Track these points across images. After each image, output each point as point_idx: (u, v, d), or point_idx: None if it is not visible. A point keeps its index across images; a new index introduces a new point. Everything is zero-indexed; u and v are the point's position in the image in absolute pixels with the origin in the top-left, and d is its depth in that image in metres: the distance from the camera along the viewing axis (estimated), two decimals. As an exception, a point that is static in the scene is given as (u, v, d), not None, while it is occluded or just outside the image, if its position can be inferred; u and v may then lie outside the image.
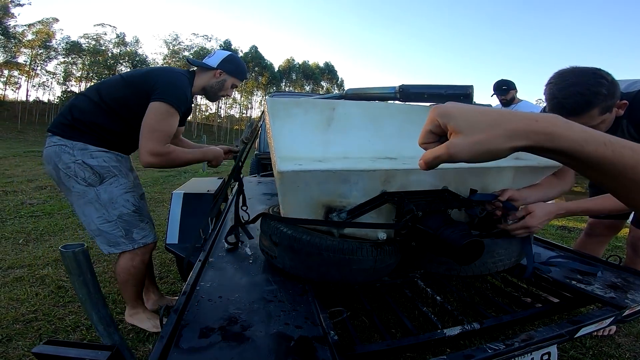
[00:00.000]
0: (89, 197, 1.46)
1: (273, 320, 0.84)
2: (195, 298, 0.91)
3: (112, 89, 1.52)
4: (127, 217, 1.52)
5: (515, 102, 3.48)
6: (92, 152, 1.45)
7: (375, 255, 0.94)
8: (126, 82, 1.52)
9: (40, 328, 1.64)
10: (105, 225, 1.49)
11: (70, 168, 1.43)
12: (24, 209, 3.94)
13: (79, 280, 0.62)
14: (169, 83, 1.47)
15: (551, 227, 4.75)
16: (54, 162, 1.44)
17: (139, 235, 1.56)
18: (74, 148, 1.43)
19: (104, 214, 1.48)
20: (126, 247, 1.53)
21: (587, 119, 1.14)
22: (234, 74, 1.72)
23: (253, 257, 1.19)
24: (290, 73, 62.32)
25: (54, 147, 1.44)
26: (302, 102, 0.98)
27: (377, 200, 0.95)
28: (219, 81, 1.69)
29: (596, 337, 1.70)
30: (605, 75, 1.11)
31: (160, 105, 1.42)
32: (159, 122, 1.42)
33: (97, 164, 1.46)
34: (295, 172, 0.77)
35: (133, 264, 1.57)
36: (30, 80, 43.34)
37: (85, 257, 0.62)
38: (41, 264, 2.38)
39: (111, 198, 1.49)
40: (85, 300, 0.65)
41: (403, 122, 1.12)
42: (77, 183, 1.44)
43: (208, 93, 1.71)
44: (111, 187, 1.49)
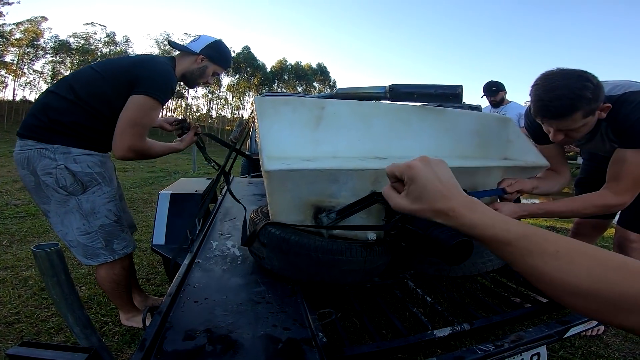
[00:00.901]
0: (70, 207, 1.36)
1: (261, 322, 0.82)
2: (181, 300, 0.89)
3: (88, 85, 1.38)
4: (108, 227, 1.44)
5: (505, 103, 3.52)
6: (75, 156, 1.35)
7: (365, 256, 0.93)
8: (103, 77, 1.39)
9: (23, 330, 1.60)
10: (84, 237, 1.39)
11: (51, 174, 1.31)
12: (8, 209, 3.85)
13: (52, 281, 0.60)
14: (154, 76, 1.38)
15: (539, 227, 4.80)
16: (32, 167, 1.31)
17: (120, 246, 1.48)
18: (56, 152, 1.31)
19: (84, 224, 1.38)
20: (106, 258, 1.44)
21: (569, 122, 1.15)
22: (217, 62, 1.62)
23: (241, 258, 1.17)
24: (283, 74, 62.21)
25: (31, 150, 1.30)
26: (290, 100, 0.96)
27: (366, 200, 0.93)
28: (199, 67, 1.59)
29: (585, 337, 1.71)
30: (591, 79, 1.12)
31: (144, 99, 1.33)
32: (142, 117, 1.33)
33: (80, 169, 1.35)
34: (283, 171, 0.76)
35: (114, 272, 1.50)
36: (17, 79, 42.59)
37: (59, 257, 0.60)
38: (24, 266, 2.33)
39: (93, 208, 1.39)
40: (59, 302, 0.62)
41: (393, 121, 1.11)
42: (57, 192, 1.33)
43: (187, 79, 1.61)
44: (94, 196, 1.40)
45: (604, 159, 1.73)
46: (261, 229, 0.93)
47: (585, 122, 1.16)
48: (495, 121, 1.32)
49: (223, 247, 1.24)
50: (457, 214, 0.48)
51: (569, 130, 1.19)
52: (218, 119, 59.38)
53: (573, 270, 0.37)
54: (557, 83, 1.12)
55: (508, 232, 0.42)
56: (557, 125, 1.18)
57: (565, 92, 1.10)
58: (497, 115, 1.43)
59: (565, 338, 1.02)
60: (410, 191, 0.51)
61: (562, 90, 1.10)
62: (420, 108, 1.19)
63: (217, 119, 59.45)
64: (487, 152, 1.29)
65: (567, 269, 0.37)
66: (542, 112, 1.16)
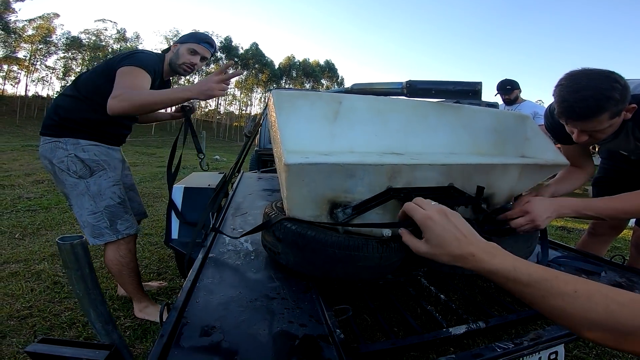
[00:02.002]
0: (80, 189, 1.54)
1: (276, 318, 0.82)
2: (196, 295, 0.88)
3: (87, 80, 1.58)
4: (113, 208, 1.59)
5: (519, 101, 3.47)
6: (83, 146, 1.54)
7: (381, 252, 0.92)
8: (98, 71, 1.57)
9: (35, 324, 1.61)
10: (91, 216, 1.56)
11: (64, 162, 1.51)
12: (21, 203, 3.91)
13: (76, 275, 0.59)
14: (133, 54, 1.52)
15: (550, 227, 4.74)
16: (49, 158, 1.54)
17: (123, 227, 1.62)
18: (67, 144, 1.52)
19: (92, 205, 1.55)
20: (110, 237, 1.59)
21: (595, 124, 1.11)
22: (187, 41, 1.71)
23: (255, 253, 1.17)
24: (291, 70, 62.23)
25: (49, 144, 1.53)
26: (308, 94, 0.95)
27: (383, 196, 0.92)
28: (175, 53, 1.70)
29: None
30: (619, 79, 1.07)
31: (124, 67, 1.43)
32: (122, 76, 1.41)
33: (87, 157, 1.54)
34: (302, 165, 0.74)
35: (120, 253, 1.63)
36: (29, 75, 43.15)
37: (83, 250, 0.60)
38: (37, 259, 2.36)
39: (99, 190, 1.56)
40: (82, 297, 0.62)
41: (410, 117, 1.09)
42: (69, 176, 1.52)
43: (171, 67, 1.71)
44: (100, 179, 1.56)
45: (623, 158, 1.69)
46: (276, 224, 0.93)
47: (611, 124, 1.12)
48: (513, 118, 1.30)
49: (236, 242, 1.24)
50: (478, 259, 0.53)
51: (593, 131, 1.15)
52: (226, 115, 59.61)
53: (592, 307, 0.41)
54: (582, 84, 1.07)
55: (529, 276, 0.47)
56: (581, 126, 1.14)
57: (591, 93, 1.05)
58: (515, 112, 1.40)
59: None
60: (430, 238, 0.58)
61: (589, 91, 1.06)
62: (437, 104, 1.17)
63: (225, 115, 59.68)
64: (505, 149, 1.27)
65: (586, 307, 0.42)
66: (567, 113, 1.13)
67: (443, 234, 0.56)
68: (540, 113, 3.32)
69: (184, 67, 1.69)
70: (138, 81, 1.41)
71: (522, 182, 1.23)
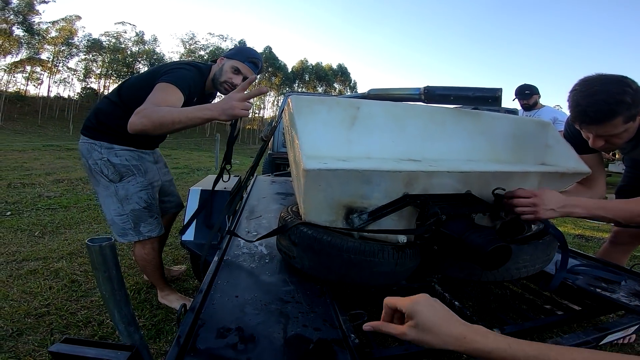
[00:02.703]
0: (110, 191, 1.64)
1: (291, 321, 0.82)
2: (212, 297, 0.90)
3: (129, 88, 1.63)
4: (137, 212, 1.68)
5: (538, 107, 3.36)
6: (117, 150, 1.62)
7: (397, 258, 0.92)
8: (141, 81, 1.60)
9: (52, 323, 1.64)
10: (117, 217, 1.66)
11: (98, 164, 1.61)
12: (41, 201, 4.01)
13: (104, 276, 0.61)
14: (175, 70, 1.49)
15: (568, 235, 4.63)
16: (86, 157, 1.64)
17: (146, 229, 1.72)
18: (102, 147, 1.61)
19: (119, 207, 1.65)
20: (133, 237, 1.70)
21: (609, 128, 1.11)
22: (233, 56, 1.66)
23: (269, 256, 1.18)
24: (304, 74, 62.47)
25: (86, 144, 1.63)
26: (326, 100, 0.96)
27: (399, 202, 0.92)
28: (220, 68, 1.67)
29: (616, 345, 1.65)
30: (631, 83, 1.08)
31: (160, 84, 1.41)
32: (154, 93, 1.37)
33: (119, 162, 1.62)
34: (319, 170, 0.75)
35: (145, 251, 1.76)
36: (52, 76, 44.38)
37: (112, 252, 0.61)
38: (56, 257, 2.40)
39: (127, 194, 1.65)
40: (108, 298, 0.63)
41: (427, 123, 1.09)
42: (102, 178, 1.62)
43: (214, 83, 1.68)
44: (128, 184, 1.65)
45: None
46: (292, 228, 0.93)
47: (626, 128, 1.12)
48: (533, 125, 1.28)
49: (251, 245, 1.25)
50: (470, 339, 0.53)
51: (609, 136, 1.15)
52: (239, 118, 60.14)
53: None
54: (595, 88, 1.09)
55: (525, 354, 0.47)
56: (596, 131, 1.15)
57: (603, 97, 1.07)
58: (535, 119, 1.38)
59: (601, 345, 1.00)
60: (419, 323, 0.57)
61: (601, 95, 1.07)
62: (455, 110, 1.16)
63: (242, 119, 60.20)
64: (524, 156, 1.25)
65: None
66: (580, 117, 1.13)
67: (433, 317, 0.57)
68: (560, 119, 3.23)
69: (225, 85, 1.64)
70: (168, 97, 1.37)
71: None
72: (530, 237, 1.12)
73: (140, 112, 1.27)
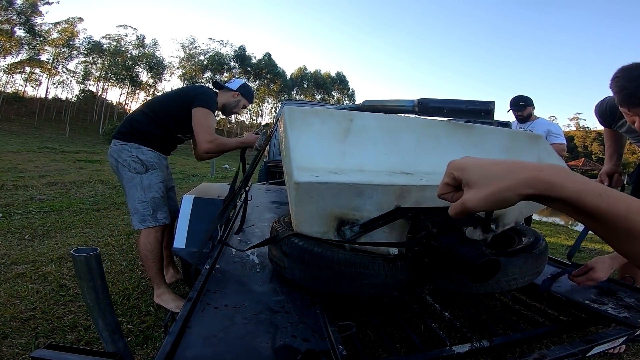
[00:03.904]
0: (135, 182, 1.93)
1: (280, 331, 0.82)
2: (201, 305, 0.89)
3: (161, 103, 2.08)
4: (157, 200, 1.96)
5: (532, 119, 3.36)
6: (144, 150, 1.96)
7: (387, 270, 0.92)
8: (173, 98, 2.08)
9: (38, 327, 1.61)
10: (140, 204, 1.92)
11: (127, 161, 1.93)
12: (33, 204, 3.97)
13: (88, 286, 0.61)
14: (203, 94, 2.00)
15: (561, 247, 4.66)
16: (115, 157, 1.95)
17: (162, 216, 1.97)
18: (132, 147, 1.94)
19: (142, 195, 1.92)
20: (150, 223, 1.93)
21: None
22: (247, 97, 2.24)
23: (260, 265, 1.18)
24: (302, 81, 62.76)
25: (118, 146, 1.96)
26: (319, 111, 0.96)
27: (390, 215, 0.93)
28: (235, 100, 2.19)
29: (605, 355, 1.65)
30: None
31: (201, 109, 1.94)
32: (204, 119, 1.93)
33: (145, 158, 1.95)
34: (311, 183, 0.75)
35: (149, 240, 1.93)
36: (51, 78, 44.25)
37: (97, 262, 0.61)
38: (45, 261, 2.37)
39: (150, 184, 1.95)
40: (92, 306, 0.63)
41: (421, 136, 1.10)
42: (129, 171, 1.92)
43: (225, 108, 2.20)
44: (152, 176, 1.96)
45: None
46: (284, 239, 0.93)
47: None
48: (525, 138, 1.29)
49: (242, 254, 1.25)
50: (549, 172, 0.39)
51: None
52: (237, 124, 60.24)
53: None
54: (638, 72, 1.19)
55: (627, 205, 0.35)
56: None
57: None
58: (528, 132, 1.40)
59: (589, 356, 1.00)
60: (470, 179, 0.44)
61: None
62: (448, 123, 1.17)
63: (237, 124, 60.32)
64: None
65: None
66: (629, 99, 1.23)
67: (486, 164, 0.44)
68: (553, 131, 3.24)
69: (234, 113, 2.27)
70: (212, 122, 1.98)
71: (532, 203, 1.22)
72: (520, 250, 1.13)
73: (214, 141, 1.91)
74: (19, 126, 32.31)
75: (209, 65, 52.68)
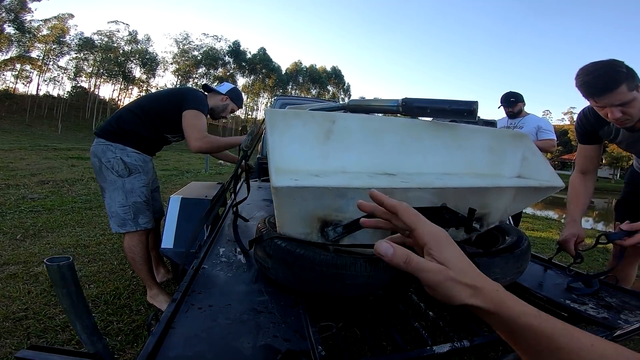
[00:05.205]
0: (117, 185, 1.88)
1: (262, 331, 0.83)
2: (186, 306, 0.90)
3: (151, 102, 2.03)
4: (139, 204, 1.92)
5: (522, 115, 3.37)
6: (128, 152, 1.91)
7: (369, 271, 0.93)
8: (163, 97, 2.05)
9: (30, 327, 1.63)
10: (120, 208, 1.88)
11: (110, 162, 1.87)
12: (25, 203, 3.95)
13: (63, 292, 0.62)
14: (194, 96, 1.99)
15: (552, 242, 4.70)
16: (99, 156, 1.89)
17: (143, 221, 1.94)
18: (116, 148, 1.89)
19: (123, 199, 1.88)
20: (131, 228, 1.90)
21: (619, 95, 1.28)
22: (235, 101, 2.26)
23: (246, 265, 1.18)
24: (297, 76, 62.49)
25: (102, 145, 1.90)
26: (301, 114, 0.97)
27: (374, 216, 0.93)
28: (224, 104, 2.21)
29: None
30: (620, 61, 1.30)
31: (192, 111, 1.93)
32: (194, 120, 1.92)
33: (130, 161, 1.91)
34: (290, 187, 0.76)
35: (132, 243, 1.92)
36: (41, 74, 43.73)
37: (70, 270, 0.62)
38: (36, 261, 2.38)
39: (132, 188, 1.91)
40: (69, 311, 0.64)
41: (404, 137, 1.10)
42: (112, 173, 1.87)
43: (213, 112, 2.20)
44: (135, 180, 1.92)
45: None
46: (267, 240, 0.94)
47: (634, 97, 1.29)
48: (510, 137, 1.30)
49: (229, 254, 1.25)
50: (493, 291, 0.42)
51: (622, 105, 1.31)
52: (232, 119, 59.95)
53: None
54: (594, 67, 1.30)
55: (553, 326, 0.40)
56: (608, 100, 1.31)
57: (603, 70, 1.28)
58: (512, 131, 1.42)
59: None
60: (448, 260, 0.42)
61: (601, 69, 1.29)
62: (432, 123, 1.18)
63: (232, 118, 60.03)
64: (501, 169, 1.27)
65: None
66: (590, 90, 1.32)
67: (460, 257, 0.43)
68: (543, 127, 3.24)
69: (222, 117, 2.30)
70: (203, 121, 1.97)
71: (516, 202, 1.24)
72: (501, 250, 1.14)
73: (204, 138, 1.90)
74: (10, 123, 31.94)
75: (203, 60, 52.32)
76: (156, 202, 2.27)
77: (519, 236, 1.26)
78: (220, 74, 53.59)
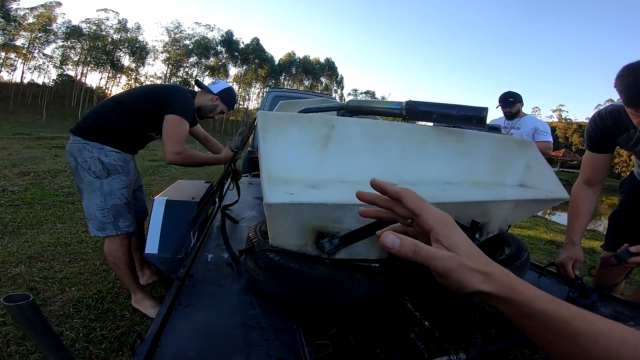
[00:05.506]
0: (95, 187, 1.78)
1: (254, 350, 0.78)
2: (172, 320, 0.84)
3: (132, 99, 1.90)
4: (118, 207, 1.83)
5: (520, 115, 3.35)
6: (107, 151, 1.81)
7: (367, 285, 0.88)
8: (146, 92, 1.92)
9: (9, 333, 1.55)
10: (99, 211, 1.79)
11: (87, 162, 1.76)
12: (5, 196, 3.80)
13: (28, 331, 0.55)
14: (179, 100, 1.85)
15: (539, 241, 4.75)
16: (75, 156, 1.78)
17: (124, 224, 1.85)
18: (93, 147, 1.78)
19: (102, 202, 1.79)
20: (110, 232, 1.81)
21: None
22: (226, 103, 2.12)
23: (237, 275, 1.13)
24: (290, 67, 61.95)
25: (78, 144, 1.79)
26: (297, 117, 0.90)
27: (371, 227, 0.88)
28: (213, 105, 2.09)
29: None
30: None
31: (175, 117, 1.80)
32: (176, 127, 1.80)
33: (108, 161, 1.80)
34: (285, 204, 0.70)
35: (113, 247, 1.84)
36: (26, 62, 42.58)
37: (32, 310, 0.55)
38: (14, 262, 2.27)
39: (111, 190, 1.81)
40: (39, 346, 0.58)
41: (406, 143, 1.05)
42: (89, 174, 1.77)
43: (201, 111, 2.10)
44: (114, 181, 1.82)
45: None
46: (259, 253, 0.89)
47: None
48: (514, 144, 1.26)
49: (219, 261, 1.19)
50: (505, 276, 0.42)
51: None
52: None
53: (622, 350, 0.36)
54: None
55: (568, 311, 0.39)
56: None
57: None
58: (518, 138, 1.37)
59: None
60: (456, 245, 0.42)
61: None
62: (436, 129, 1.13)
63: (223, 111, 59.34)
64: (504, 177, 1.23)
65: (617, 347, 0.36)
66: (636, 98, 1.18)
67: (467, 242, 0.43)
68: (540, 129, 3.22)
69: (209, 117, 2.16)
70: (184, 129, 1.84)
71: (517, 212, 1.20)
72: (501, 262, 1.10)
73: (181, 153, 1.78)
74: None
75: (195, 49, 51.46)
76: (139, 201, 2.19)
77: (519, 247, 1.23)
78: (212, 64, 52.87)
